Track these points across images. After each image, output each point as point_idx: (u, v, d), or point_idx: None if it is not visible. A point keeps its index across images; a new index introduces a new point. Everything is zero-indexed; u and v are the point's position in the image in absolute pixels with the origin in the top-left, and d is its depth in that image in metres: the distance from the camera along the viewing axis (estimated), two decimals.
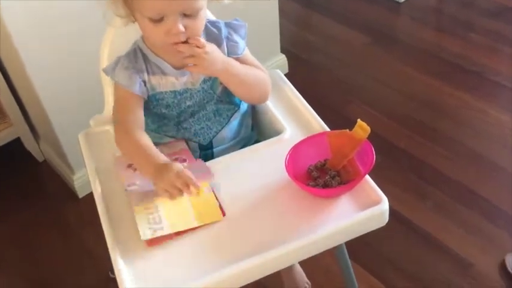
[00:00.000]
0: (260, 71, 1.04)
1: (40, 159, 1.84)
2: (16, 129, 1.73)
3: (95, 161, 1.03)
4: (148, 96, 1.00)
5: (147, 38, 0.97)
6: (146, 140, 0.96)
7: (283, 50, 2.04)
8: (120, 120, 0.99)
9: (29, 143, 1.79)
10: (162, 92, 0.99)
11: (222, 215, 0.87)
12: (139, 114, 0.99)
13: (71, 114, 1.53)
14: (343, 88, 2.04)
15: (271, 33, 1.94)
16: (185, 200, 0.89)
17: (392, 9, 2.40)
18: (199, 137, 1.04)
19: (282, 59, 2.04)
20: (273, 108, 1.07)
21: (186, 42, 0.91)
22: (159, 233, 0.84)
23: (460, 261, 1.44)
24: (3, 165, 1.81)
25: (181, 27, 0.88)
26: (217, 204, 0.89)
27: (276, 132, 1.05)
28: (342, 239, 0.87)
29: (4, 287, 1.52)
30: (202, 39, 0.92)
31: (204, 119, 1.04)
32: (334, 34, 2.31)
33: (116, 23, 1.00)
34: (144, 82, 0.98)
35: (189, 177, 0.86)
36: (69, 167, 1.67)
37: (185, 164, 0.96)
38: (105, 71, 1.00)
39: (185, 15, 0.89)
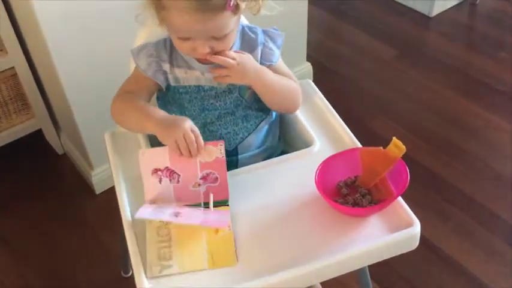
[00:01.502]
0: (292, 81, 1.03)
1: (60, 152, 1.84)
2: (38, 120, 1.73)
3: (121, 162, 1.01)
4: (171, 88, 0.99)
5: (174, 45, 0.96)
6: (145, 102, 0.97)
7: (309, 58, 2.02)
8: (123, 90, 1.00)
9: (50, 136, 1.79)
10: (185, 86, 0.98)
11: (236, 260, 0.82)
12: (145, 95, 1.00)
13: (94, 109, 1.52)
14: (368, 100, 2.01)
15: (299, 40, 1.92)
16: (202, 238, 0.85)
17: (422, 23, 2.37)
18: (225, 141, 1.02)
19: (307, 67, 2.02)
20: (303, 119, 1.05)
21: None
22: (165, 272, 0.81)
23: (479, 285, 1.41)
24: (23, 156, 1.81)
25: (207, 49, 0.89)
26: (234, 248, 0.84)
27: (304, 143, 1.03)
28: (369, 261, 0.84)
29: (17, 277, 1.52)
30: (232, 52, 0.91)
31: (232, 123, 1.02)
32: (361, 45, 2.29)
33: (148, 22, 0.99)
34: (166, 73, 0.97)
35: (192, 142, 0.87)
36: (89, 162, 1.67)
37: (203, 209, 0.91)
38: (132, 51, 0.99)
39: (213, 37, 0.88)
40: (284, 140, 1.11)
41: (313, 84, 1.13)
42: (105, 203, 1.69)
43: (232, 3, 0.84)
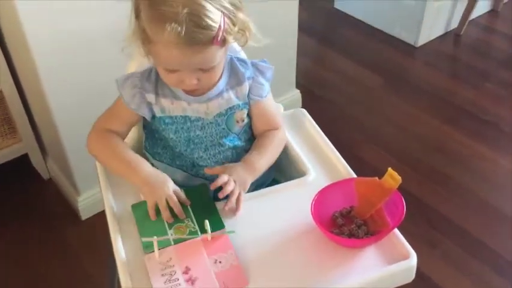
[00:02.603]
0: (277, 136, 1.03)
1: (46, 177, 1.81)
2: (25, 145, 1.71)
3: (112, 188, 0.99)
4: (156, 119, 0.98)
5: (161, 76, 0.96)
6: (127, 148, 0.97)
7: (298, 85, 2.04)
8: (102, 122, 1.00)
9: (36, 160, 1.76)
10: (172, 117, 0.98)
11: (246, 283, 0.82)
12: (125, 131, 1.00)
13: (82, 134, 1.48)
14: (355, 127, 2.03)
15: (288, 68, 1.94)
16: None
17: (408, 53, 2.42)
18: (215, 175, 1.01)
19: (297, 94, 2.04)
20: (296, 147, 1.05)
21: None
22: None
23: None
24: (8, 180, 1.77)
25: (194, 81, 0.89)
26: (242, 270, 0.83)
27: (297, 172, 1.03)
28: None
29: None
30: (222, 176, 0.91)
31: (221, 156, 1.01)
32: (348, 72, 2.32)
33: (135, 54, 0.98)
34: (150, 104, 0.97)
35: (176, 205, 0.89)
36: (75, 187, 1.64)
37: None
38: (117, 81, 0.98)
39: (200, 69, 0.89)
40: (276, 167, 1.11)
41: (306, 113, 1.13)
42: (90, 230, 1.66)
43: (219, 38, 0.85)
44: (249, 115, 1.02)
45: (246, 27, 0.90)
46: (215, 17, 0.83)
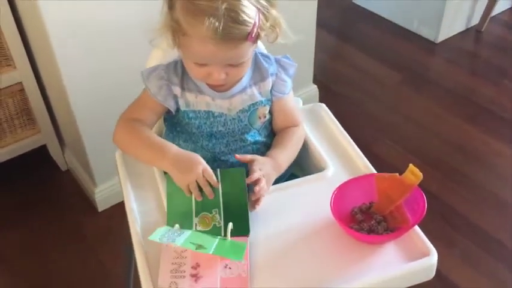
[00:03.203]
0: (298, 130, 1.03)
1: (63, 168, 1.82)
2: (43, 136, 1.72)
3: (131, 180, 0.99)
4: (180, 112, 0.98)
5: (185, 66, 0.95)
6: (153, 134, 0.95)
7: (315, 81, 2.02)
8: (130, 114, 0.98)
9: (55, 151, 1.77)
10: (195, 111, 0.97)
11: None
12: (153, 121, 0.99)
13: (100, 126, 1.51)
14: (373, 124, 2.01)
15: (306, 63, 1.93)
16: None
17: (428, 49, 2.39)
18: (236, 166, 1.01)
19: (314, 89, 2.02)
20: (315, 142, 1.04)
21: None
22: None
23: None
24: (26, 171, 1.79)
25: (223, 76, 0.89)
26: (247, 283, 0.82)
27: (315, 167, 1.02)
28: None
29: None
30: (256, 173, 0.89)
31: (242, 151, 1.01)
32: (367, 69, 2.30)
33: (162, 45, 0.98)
34: (176, 97, 0.96)
35: (205, 185, 0.87)
36: (92, 179, 1.65)
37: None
38: (142, 74, 0.97)
39: (230, 64, 0.88)
40: (294, 161, 1.10)
41: (325, 107, 1.13)
42: (107, 221, 1.67)
43: (254, 34, 0.84)
44: (270, 111, 1.02)
45: (277, 24, 0.89)
46: (251, 13, 0.83)
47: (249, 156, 0.94)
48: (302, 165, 1.08)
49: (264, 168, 0.92)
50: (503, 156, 1.86)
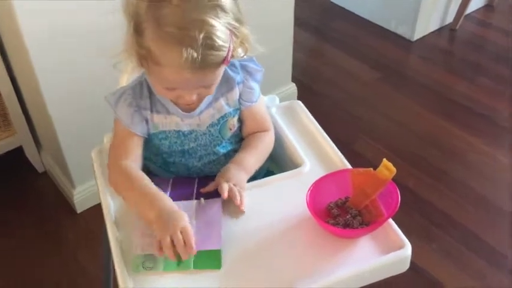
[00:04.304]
0: (266, 135, 1.01)
1: (40, 170, 1.80)
2: (19, 137, 1.70)
3: (106, 179, 0.99)
4: (150, 135, 0.96)
5: (153, 88, 0.92)
6: (147, 181, 0.91)
7: (293, 79, 2.03)
8: (117, 157, 0.94)
9: (31, 153, 1.75)
10: (165, 131, 0.95)
11: (221, 264, 0.82)
12: (138, 154, 0.95)
13: (77, 126, 1.50)
14: (351, 121, 2.03)
15: (284, 62, 1.93)
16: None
17: (404, 47, 2.42)
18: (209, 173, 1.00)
19: (292, 87, 2.03)
20: (292, 140, 1.04)
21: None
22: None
23: None
24: (2, 174, 1.77)
25: (194, 97, 0.87)
26: (220, 253, 0.83)
27: (292, 163, 1.03)
28: (360, 283, 0.83)
29: None
30: (223, 185, 0.89)
31: (215, 163, 1.00)
32: (345, 67, 2.32)
33: (127, 68, 0.97)
34: (147, 120, 0.94)
35: (189, 238, 0.81)
36: (70, 180, 1.63)
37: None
38: (109, 102, 0.94)
39: (202, 86, 0.87)
40: (271, 158, 1.10)
41: (302, 104, 1.13)
42: (85, 223, 1.66)
43: (229, 57, 0.83)
44: (239, 118, 1.01)
45: (246, 40, 0.87)
46: (225, 37, 0.81)
47: (212, 184, 0.92)
48: (278, 162, 1.08)
49: (230, 176, 0.91)
50: (480, 152, 1.89)
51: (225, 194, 0.88)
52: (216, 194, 0.91)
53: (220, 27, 0.80)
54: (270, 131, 1.03)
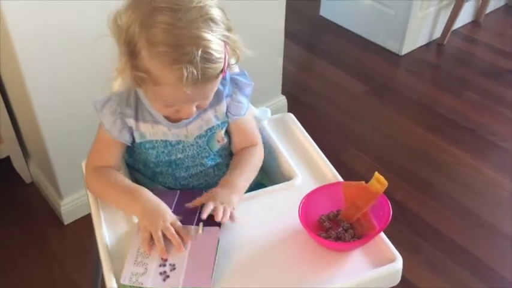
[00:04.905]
0: (255, 150, 1.01)
1: (28, 180, 1.78)
2: (6, 147, 1.68)
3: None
4: (136, 144, 0.96)
5: (150, 104, 0.92)
6: (125, 178, 0.92)
7: (284, 92, 2.05)
8: (96, 161, 0.95)
9: (18, 163, 1.73)
10: (152, 141, 0.95)
11: (211, 283, 0.80)
12: (118, 161, 0.96)
13: (66, 137, 1.49)
14: (340, 133, 2.05)
15: (274, 74, 1.95)
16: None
17: (392, 61, 2.45)
18: (197, 185, 1.01)
19: (282, 100, 2.04)
20: (284, 152, 1.05)
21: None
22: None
23: None
24: None
25: (193, 110, 0.87)
26: (212, 270, 0.82)
27: (283, 175, 1.03)
28: None
29: None
30: (208, 204, 0.88)
31: (203, 174, 1.01)
32: (334, 80, 2.34)
33: (115, 85, 0.97)
34: (131, 129, 0.94)
35: (174, 236, 0.82)
36: (58, 191, 1.62)
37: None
38: (95, 106, 0.93)
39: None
40: (263, 171, 1.11)
41: (294, 117, 1.14)
42: (73, 234, 1.64)
43: (226, 68, 0.84)
44: (227, 132, 1.00)
45: (237, 47, 0.88)
46: (220, 48, 0.82)
47: (198, 200, 0.90)
48: (270, 174, 1.09)
49: (217, 196, 0.89)
50: (466, 165, 1.91)
51: (205, 215, 0.86)
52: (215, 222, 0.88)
53: (215, 40, 0.80)
54: (258, 145, 1.03)
